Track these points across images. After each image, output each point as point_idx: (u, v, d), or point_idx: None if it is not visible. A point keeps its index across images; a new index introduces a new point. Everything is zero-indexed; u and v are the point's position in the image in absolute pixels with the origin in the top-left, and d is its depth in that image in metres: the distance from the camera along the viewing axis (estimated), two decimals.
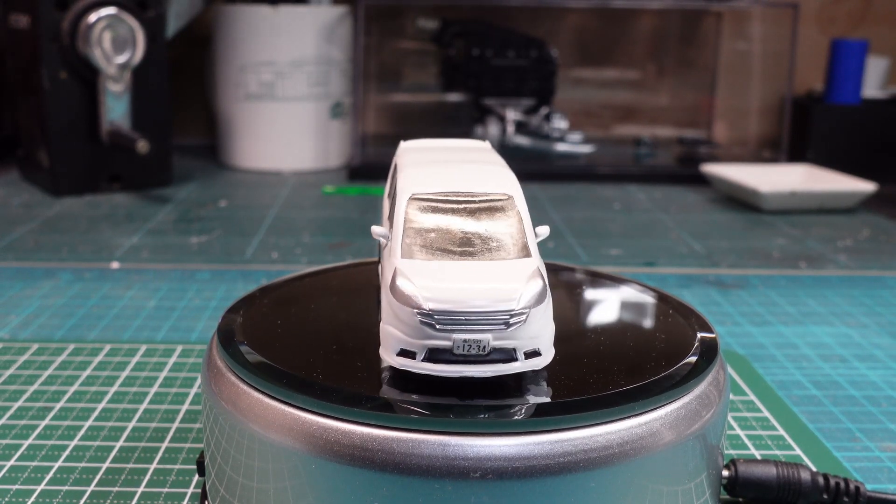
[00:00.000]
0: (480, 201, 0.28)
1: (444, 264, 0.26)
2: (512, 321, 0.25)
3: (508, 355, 0.25)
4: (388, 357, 0.26)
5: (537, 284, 0.25)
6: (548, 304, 0.26)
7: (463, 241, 0.27)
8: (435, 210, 0.28)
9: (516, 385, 0.27)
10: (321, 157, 1.05)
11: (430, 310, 0.25)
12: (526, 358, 0.25)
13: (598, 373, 0.28)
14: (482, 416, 0.24)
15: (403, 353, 0.25)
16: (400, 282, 0.25)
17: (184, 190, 0.92)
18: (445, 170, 0.30)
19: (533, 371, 0.26)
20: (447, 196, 0.28)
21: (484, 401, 0.25)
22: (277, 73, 1.00)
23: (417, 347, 0.25)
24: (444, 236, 0.27)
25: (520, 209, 0.28)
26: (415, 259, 0.26)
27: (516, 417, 0.24)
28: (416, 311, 0.25)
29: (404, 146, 0.36)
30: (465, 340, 0.25)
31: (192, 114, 1.19)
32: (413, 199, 0.28)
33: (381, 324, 0.26)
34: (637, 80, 1.21)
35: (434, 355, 0.25)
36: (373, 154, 1.10)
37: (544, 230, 0.28)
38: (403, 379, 0.26)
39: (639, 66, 1.21)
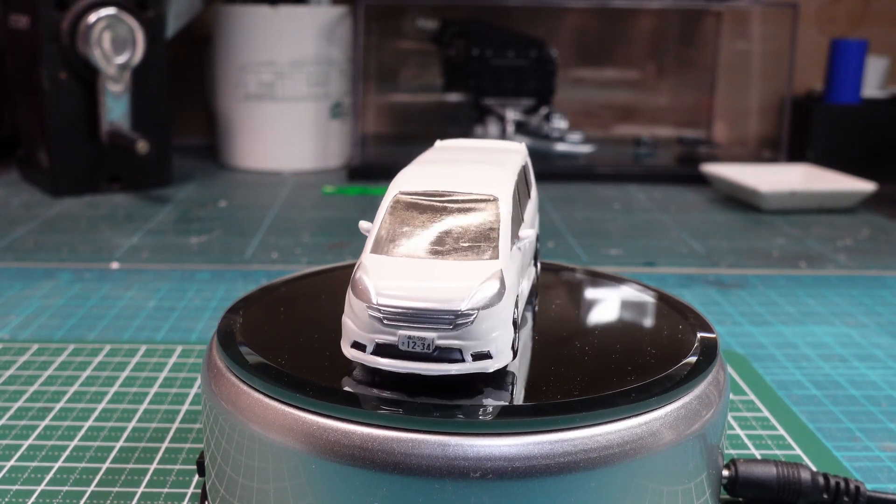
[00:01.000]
0: (463, 201, 0.28)
1: (407, 262, 0.26)
2: (458, 321, 0.25)
3: (455, 355, 0.25)
4: (344, 348, 0.26)
5: (491, 287, 0.25)
6: (505, 307, 0.25)
7: (435, 239, 0.27)
8: (417, 208, 0.28)
9: (516, 385, 0.27)
10: (321, 158, 1.05)
11: (378, 305, 0.25)
12: (474, 359, 0.25)
13: (598, 373, 0.28)
14: (482, 416, 0.24)
15: (356, 345, 0.26)
16: (358, 276, 0.26)
17: (183, 190, 0.92)
18: (443, 169, 0.30)
19: (497, 373, 0.26)
20: (432, 195, 0.28)
21: (484, 401, 0.25)
22: (277, 74, 1.00)
23: (367, 341, 0.26)
24: (419, 234, 0.27)
25: (501, 211, 0.27)
26: (382, 255, 0.27)
27: (516, 417, 0.24)
28: (367, 305, 0.25)
29: (438, 145, 0.36)
30: (409, 337, 0.25)
31: (192, 114, 1.19)
32: (399, 195, 0.28)
33: (343, 315, 0.27)
34: (637, 80, 1.21)
35: (382, 350, 0.25)
36: (372, 154, 1.10)
37: (528, 233, 0.28)
38: (404, 379, 0.26)
39: (638, 66, 1.21)
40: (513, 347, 0.26)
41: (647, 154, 1.12)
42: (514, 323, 0.26)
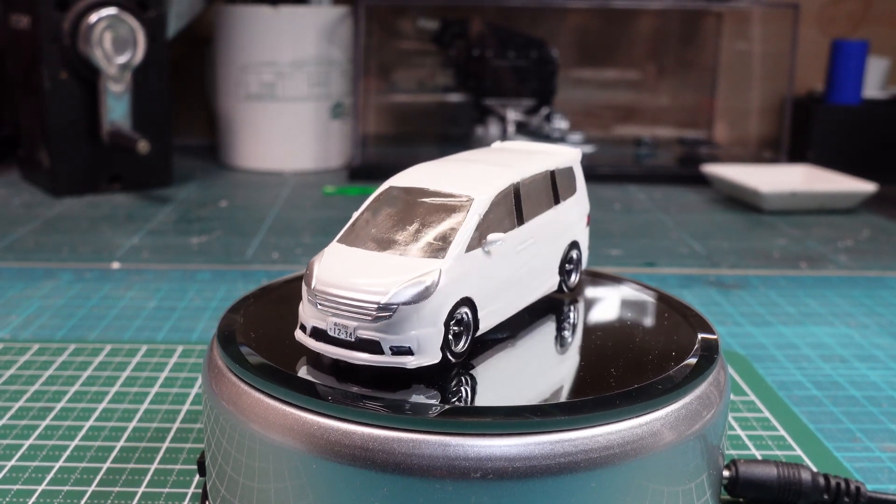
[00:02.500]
0: (440, 200, 0.28)
1: (360, 253, 0.27)
2: (378, 314, 0.26)
3: (376, 347, 0.26)
4: (298, 329, 0.28)
5: (416, 286, 0.26)
6: (432, 306, 0.26)
7: (398, 235, 0.28)
8: (397, 203, 0.29)
9: (516, 385, 0.27)
10: (322, 158, 1.05)
11: (315, 290, 0.27)
12: (393, 353, 0.26)
13: (598, 373, 0.28)
14: (483, 416, 0.24)
15: (301, 326, 0.28)
16: (311, 261, 0.28)
17: (184, 190, 0.92)
18: (443, 167, 0.31)
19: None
20: (415, 191, 0.29)
21: (485, 402, 0.25)
22: (278, 74, 1.00)
23: (307, 323, 0.27)
24: (385, 227, 0.28)
25: (469, 213, 0.28)
26: (344, 244, 0.28)
27: (517, 418, 0.24)
28: (307, 289, 0.27)
29: (494, 146, 0.36)
30: (335, 324, 0.26)
31: (193, 114, 1.19)
32: (387, 189, 0.30)
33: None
34: (637, 81, 1.21)
35: (316, 333, 0.27)
36: (373, 154, 1.10)
37: (495, 237, 0.28)
38: (404, 379, 0.26)
39: (639, 67, 1.21)
40: (452, 349, 0.27)
41: (648, 154, 1.12)
42: (466, 325, 0.27)
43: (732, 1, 1.10)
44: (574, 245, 0.34)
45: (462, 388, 0.27)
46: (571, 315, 0.33)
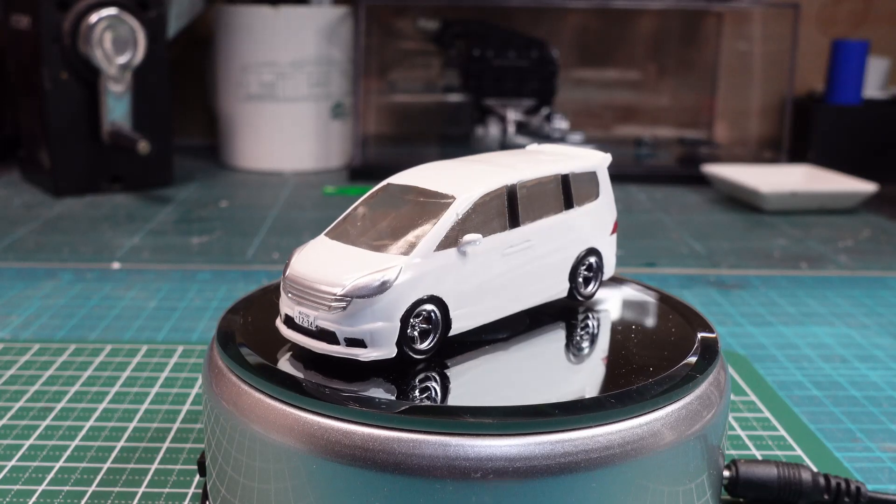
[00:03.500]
0: (426, 198, 0.29)
1: (337, 246, 0.28)
2: (333, 305, 0.26)
3: (332, 337, 0.27)
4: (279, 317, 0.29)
5: (372, 280, 0.26)
6: (388, 301, 0.26)
7: (380, 230, 0.28)
8: (388, 200, 0.30)
9: (516, 385, 0.27)
10: (322, 158, 1.05)
11: (286, 278, 0.28)
12: (347, 344, 0.27)
13: (599, 373, 0.28)
14: (483, 416, 0.24)
15: (279, 313, 0.29)
16: (294, 251, 0.29)
17: (184, 190, 0.92)
18: (444, 167, 0.31)
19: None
20: (408, 189, 0.29)
21: (485, 402, 0.25)
22: (278, 74, 1.00)
23: (281, 310, 0.28)
24: (371, 223, 0.29)
25: (448, 211, 0.28)
26: (328, 237, 0.29)
27: (517, 418, 0.24)
28: (283, 277, 0.28)
29: (529, 148, 0.36)
30: (300, 312, 0.27)
31: (193, 114, 1.19)
32: (385, 186, 0.30)
33: None
34: (638, 81, 1.21)
35: (288, 321, 0.28)
36: (373, 154, 1.10)
37: (471, 237, 0.28)
38: (404, 379, 0.26)
39: (639, 67, 1.20)
40: (413, 346, 0.27)
41: (648, 154, 1.12)
42: (434, 323, 0.27)
43: (733, 1, 1.09)
44: (593, 252, 0.33)
45: (461, 389, 0.27)
46: (572, 316, 0.33)
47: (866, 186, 0.86)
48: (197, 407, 0.42)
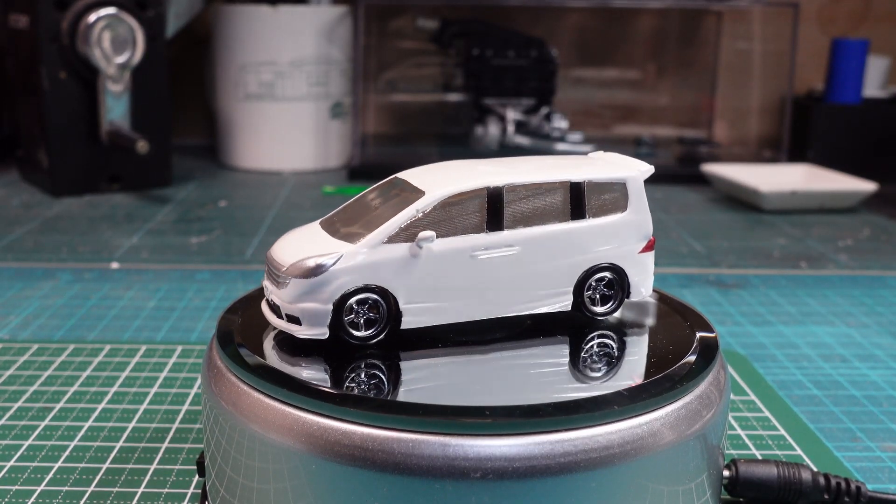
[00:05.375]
0: (406, 193, 0.29)
1: (315, 231, 0.30)
2: (279, 282, 0.28)
3: (279, 312, 0.29)
4: None
5: (308, 262, 0.28)
6: (323, 284, 0.27)
7: (357, 220, 0.29)
8: (384, 192, 0.30)
9: (516, 385, 0.27)
10: (321, 157, 1.05)
11: (267, 254, 0.30)
12: (287, 320, 0.28)
13: (598, 373, 0.28)
14: (483, 416, 0.24)
15: None
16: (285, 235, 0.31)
17: (183, 190, 0.92)
18: (447, 166, 0.31)
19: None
20: (401, 184, 0.30)
21: (485, 402, 0.25)
22: (277, 73, 1.00)
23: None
24: (356, 213, 0.30)
25: (409, 208, 0.28)
26: (319, 225, 0.31)
27: (517, 418, 0.24)
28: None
29: (593, 156, 0.34)
30: (266, 285, 0.30)
31: (192, 114, 1.19)
32: (390, 179, 0.31)
33: None
34: (637, 80, 1.21)
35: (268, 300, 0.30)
36: (373, 154, 1.10)
37: (425, 234, 0.28)
38: (404, 379, 0.26)
39: (639, 66, 1.20)
40: (351, 332, 0.28)
41: (648, 154, 1.12)
42: (382, 314, 0.28)
43: (733, 0, 1.09)
44: (610, 269, 0.31)
45: (460, 388, 0.27)
46: (572, 315, 0.33)
47: (866, 186, 0.86)
48: (196, 407, 0.42)
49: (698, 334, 0.30)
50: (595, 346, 0.30)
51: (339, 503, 0.24)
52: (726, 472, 0.32)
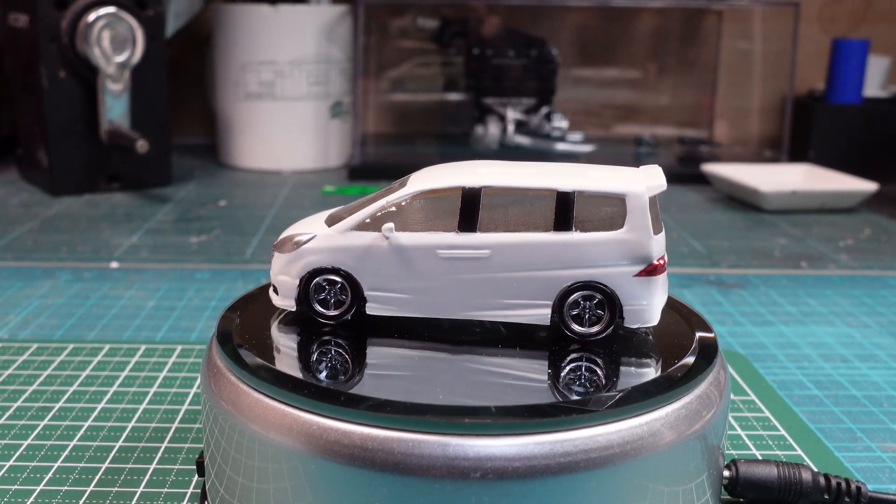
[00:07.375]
0: (397, 187, 0.31)
1: (318, 218, 0.32)
2: (271, 256, 0.31)
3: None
4: None
5: (287, 239, 0.31)
6: (292, 260, 0.30)
7: (354, 210, 0.31)
8: (390, 187, 0.31)
9: (516, 385, 0.27)
10: (321, 157, 1.05)
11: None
12: (272, 289, 0.32)
13: (598, 373, 0.28)
14: (482, 416, 0.24)
15: None
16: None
17: (183, 189, 0.92)
18: (449, 165, 0.32)
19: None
20: (404, 180, 0.31)
21: (484, 401, 0.25)
22: (277, 73, 1.00)
23: None
24: (358, 204, 0.31)
25: (381, 200, 0.30)
26: (328, 213, 0.33)
27: (516, 418, 0.24)
28: None
29: (643, 168, 0.33)
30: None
31: (192, 113, 1.19)
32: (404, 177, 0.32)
33: None
34: (638, 80, 1.21)
35: None
36: (373, 154, 1.10)
37: (386, 226, 0.29)
38: (404, 379, 0.26)
39: (639, 66, 1.20)
40: (316, 309, 0.30)
41: (648, 153, 1.12)
42: (346, 295, 0.30)
43: (733, 0, 1.09)
44: (595, 288, 0.29)
45: (459, 388, 0.27)
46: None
47: (867, 185, 0.86)
48: (195, 407, 0.42)
49: (698, 334, 0.30)
50: (595, 347, 0.30)
51: (339, 503, 0.24)
52: (726, 473, 0.32)
